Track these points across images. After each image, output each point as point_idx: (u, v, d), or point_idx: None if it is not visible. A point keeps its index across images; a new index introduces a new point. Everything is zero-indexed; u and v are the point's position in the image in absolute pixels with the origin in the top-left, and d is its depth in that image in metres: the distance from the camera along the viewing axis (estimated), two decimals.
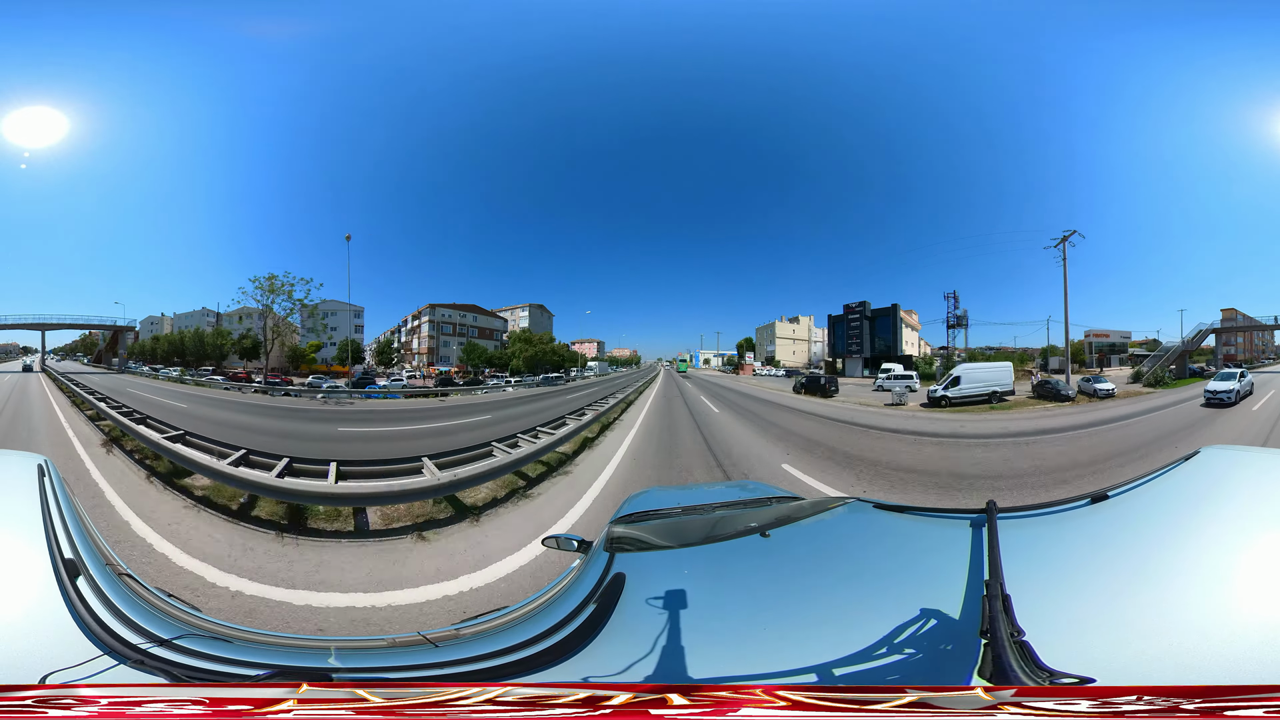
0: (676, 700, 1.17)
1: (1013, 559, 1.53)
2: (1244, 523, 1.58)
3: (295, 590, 6.21)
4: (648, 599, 1.81)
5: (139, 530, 7.55)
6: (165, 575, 6.29)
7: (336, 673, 1.62)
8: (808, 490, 9.33)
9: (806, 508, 2.62)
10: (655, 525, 2.54)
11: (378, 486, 8.69)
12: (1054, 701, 1.05)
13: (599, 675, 1.48)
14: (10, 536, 1.84)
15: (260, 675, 1.48)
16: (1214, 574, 1.36)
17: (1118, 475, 3.50)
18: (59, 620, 1.47)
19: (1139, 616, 1.26)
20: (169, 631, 1.61)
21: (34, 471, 2.34)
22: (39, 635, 1.43)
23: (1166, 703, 1.01)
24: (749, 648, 1.55)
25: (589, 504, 8.97)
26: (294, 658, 1.94)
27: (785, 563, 2.17)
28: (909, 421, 17.32)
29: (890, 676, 1.29)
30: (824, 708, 1.13)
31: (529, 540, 7.32)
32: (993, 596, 1.34)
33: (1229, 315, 24.06)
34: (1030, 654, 1.16)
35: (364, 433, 17.19)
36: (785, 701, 1.14)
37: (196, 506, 8.67)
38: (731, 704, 1.16)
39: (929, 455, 13.24)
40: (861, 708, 1.11)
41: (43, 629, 1.45)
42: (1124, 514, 1.86)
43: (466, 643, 1.93)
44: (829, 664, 1.36)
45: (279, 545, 7.48)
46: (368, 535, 8.02)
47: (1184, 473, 2.10)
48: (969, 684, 1.17)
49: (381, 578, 6.62)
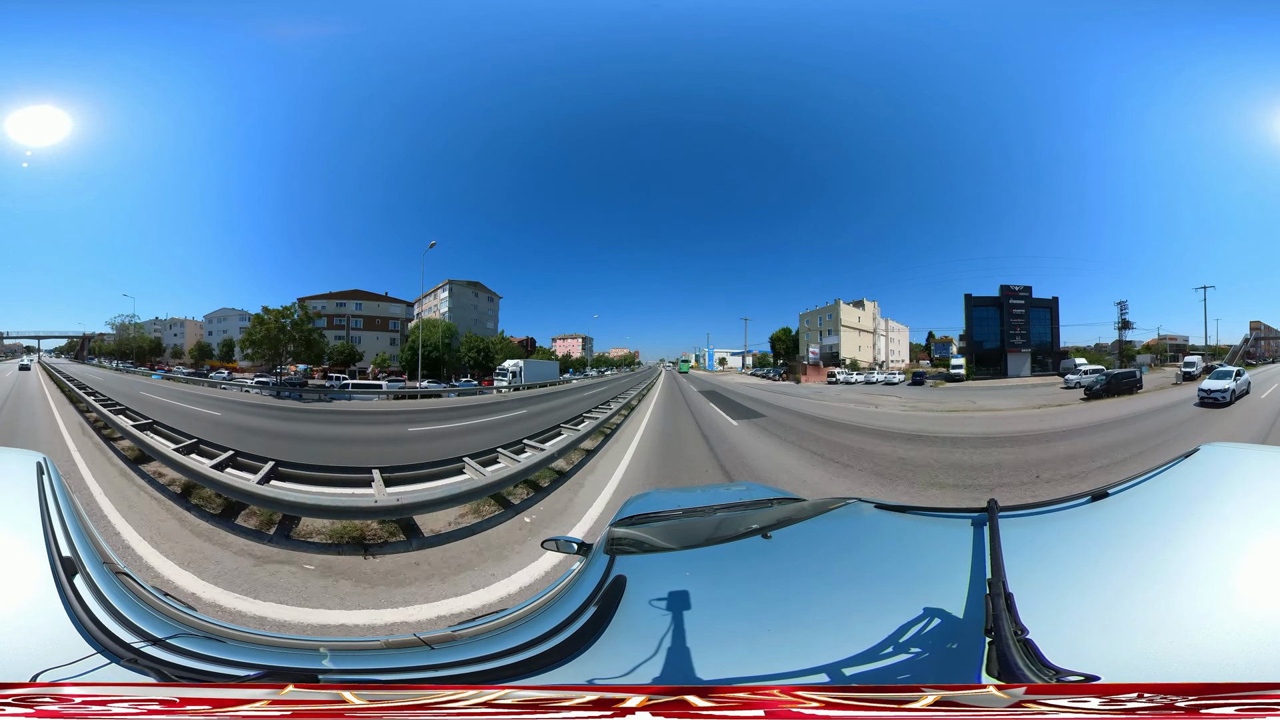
0: (698, 702, 1.16)
1: (1015, 557, 1.54)
2: (1245, 520, 1.58)
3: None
4: (650, 601, 1.80)
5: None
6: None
7: (325, 674, 1.61)
8: None
9: (808, 509, 2.62)
10: (656, 527, 2.53)
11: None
12: (1067, 699, 1.05)
13: (604, 677, 1.46)
14: (9, 534, 1.85)
15: (250, 676, 1.47)
16: (1216, 571, 1.37)
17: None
18: (55, 618, 1.47)
19: (1141, 614, 1.27)
20: (163, 631, 1.61)
21: (33, 469, 2.35)
22: (35, 633, 1.43)
23: (1166, 700, 1.02)
24: (755, 649, 1.54)
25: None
26: (286, 659, 1.93)
27: (788, 563, 2.17)
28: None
29: (901, 676, 1.29)
30: (854, 707, 1.12)
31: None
32: (995, 595, 1.35)
33: (1255, 327, 24.86)
34: (1035, 652, 1.16)
35: None
36: (816, 702, 1.14)
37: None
38: (756, 704, 1.15)
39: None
40: (897, 707, 1.11)
41: (38, 626, 1.45)
42: (1125, 512, 1.86)
43: (463, 645, 1.92)
44: (837, 664, 1.35)
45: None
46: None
47: (1184, 470, 2.10)
48: (980, 682, 1.17)
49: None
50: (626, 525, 2.54)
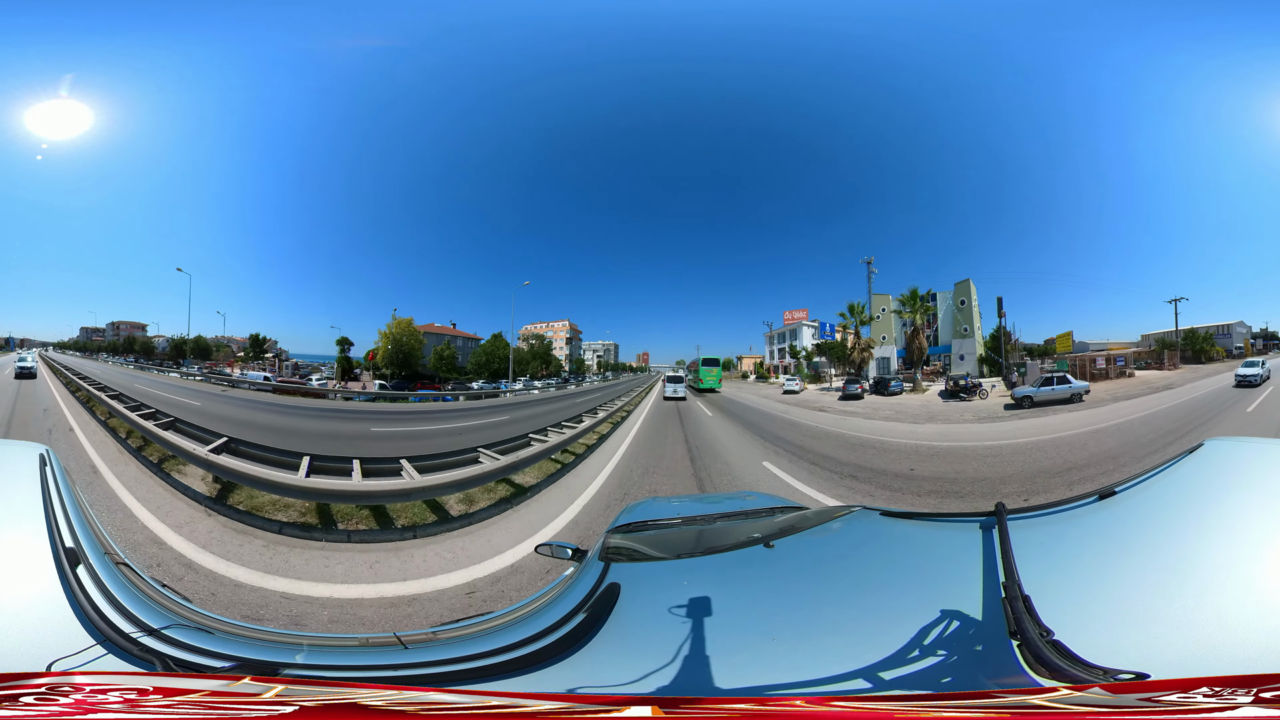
0: (688, 710, 1.13)
1: (1026, 559, 1.54)
2: (1256, 513, 1.59)
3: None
4: (644, 610, 1.77)
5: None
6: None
7: (287, 668, 1.60)
8: None
9: (811, 517, 2.56)
10: (653, 535, 2.49)
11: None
12: (1133, 697, 1.04)
13: (588, 685, 1.43)
14: (16, 526, 1.89)
15: (225, 668, 1.49)
16: (1230, 566, 1.37)
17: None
18: (58, 608, 1.51)
19: (1163, 610, 1.27)
20: (159, 621, 1.63)
21: (35, 461, 2.40)
22: (44, 623, 1.47)
23: (1186, 695, 1.01)
24: (757, 657, 1.50)
25: None
26: (261, 652, 1.92)
27: (792, 572, 2.11)
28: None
29: (944, 680, 1.28)
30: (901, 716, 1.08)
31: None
32: (1012, 598, 1.34)
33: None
34: (1069, 652, 1.16)
35: None
36: (849, 711, 1.13)
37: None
38: (762, 716, 1.13)
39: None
40: (953, 710, 1.08)
41: (47, 617, 1.49)
42: (1134, 509, 1.85)
43: (440, 645, 1.88)
44: (859, 671, 1.32)
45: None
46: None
47: (1191, 465, 2.11)
48: (1038, 684, 1.15)
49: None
50: (623, 533, 2.50)
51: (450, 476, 8.92)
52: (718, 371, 24.29)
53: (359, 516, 8.32)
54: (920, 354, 22.65)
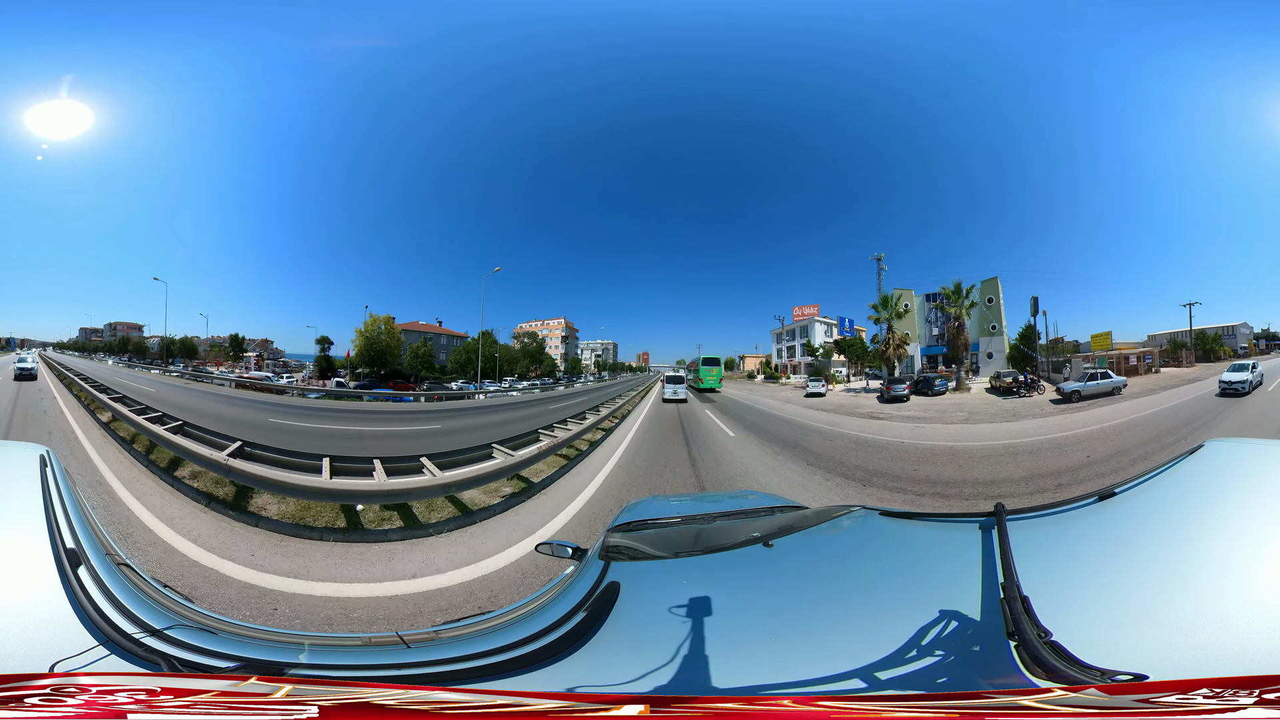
0: (685, 710, 1.13)
1: (1025, 560, 1.54)
2: (1256, 514, 1.59)
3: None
4: (643, 609, 1.76)
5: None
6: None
7: (292, 668, 1.59)
8: None
9: (810, 516, 2.56)
10: (653, 534, 2.48)
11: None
12: (1132, 698, 1.04)
13: (587, 684, 1.43)
14: (17, 527, 1.88)
15: (230, 668, 1.48)
16: (1230, 567, 1.36)
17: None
18: (59, 609, 1.50)
19: (1162, 612, 1.26)
20: (161, 621, 1.63)
21: (36, 462, 2.40)
22: (47, 624, 1.46)
23: (1185, 696, 1.01)
24: (755, 656, 1.49)
25: None
26: (265, 652, 1.92)
27: (791, 571, 2.11)
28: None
29: (940, 680, 1.27)
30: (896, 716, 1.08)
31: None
32: (1011, 599, 1.34)
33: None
34: (1066, 653, 1.16)
35: None
36: (840, 711, 1.12)
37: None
38: (760, 715, 1.13)
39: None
40: (947, 710, 1.08)
41: (50, 618, 1.48)
42: (1133, 511, 1.85)
43: (442, 645, 1.88)
44: (855, 671, 1.32)
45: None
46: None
47: (1190, 466, 2.10)
48: (1034, 685, 1.15)
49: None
50: (623, 532, 2.49)
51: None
52: (718, 371, 23.92)
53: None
54: (965, 350, 21.35)
